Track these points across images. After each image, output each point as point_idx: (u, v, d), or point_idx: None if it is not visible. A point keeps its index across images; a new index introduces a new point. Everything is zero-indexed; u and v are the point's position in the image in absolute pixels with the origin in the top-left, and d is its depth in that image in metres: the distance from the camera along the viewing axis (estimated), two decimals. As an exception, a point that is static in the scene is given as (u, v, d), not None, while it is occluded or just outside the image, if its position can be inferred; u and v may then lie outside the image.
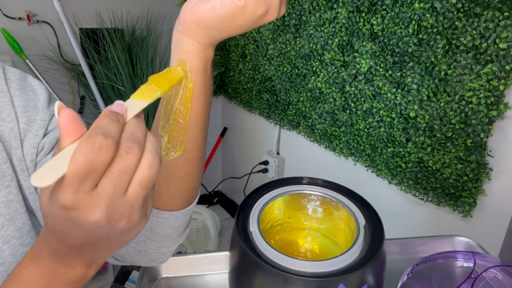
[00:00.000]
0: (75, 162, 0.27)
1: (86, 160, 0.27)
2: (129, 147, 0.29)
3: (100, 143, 0.28)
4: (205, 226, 1.88)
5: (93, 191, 0.29)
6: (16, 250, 0.47)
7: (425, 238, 0.77)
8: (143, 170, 0.30)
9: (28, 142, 0.49)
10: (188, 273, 0.69)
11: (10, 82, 0.50)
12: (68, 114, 0.29)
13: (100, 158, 0.28)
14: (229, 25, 0.39)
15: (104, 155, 0.28)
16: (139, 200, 0.31)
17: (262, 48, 1.60)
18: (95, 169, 0.28)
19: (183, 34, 0.41)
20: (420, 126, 1.04)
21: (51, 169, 0.28)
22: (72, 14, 1.69)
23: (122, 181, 0.29)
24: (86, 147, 0.27)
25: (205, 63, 0.42)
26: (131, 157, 0.29)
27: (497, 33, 0.83)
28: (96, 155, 0.28)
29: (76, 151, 0.28)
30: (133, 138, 0.30)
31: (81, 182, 0.28)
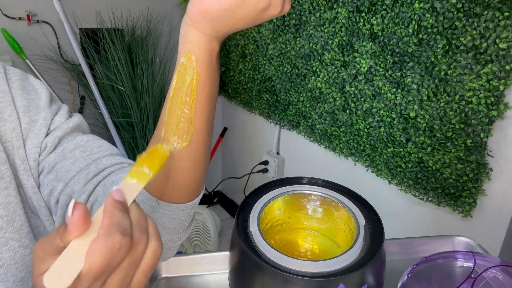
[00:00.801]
0: (93, 262, 0.27)
1: (105, 260, 0.28)
2: (138, 239, 0.30)
3: (120, 243, 0.28)
4: (205, 226, 1.88)
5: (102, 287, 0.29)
6: (15, 252, 0.47)
7: (425, 238, 0.77)
8: (148, 259, 0.31)
9: (31, 142, 0.49)
10: (188, 273, 0.69)
11: (11, 83, 0.50)
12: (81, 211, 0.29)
13: (118, 257, 0.28)
14: (232, 16, 0.39)
15: (122, 254, 0.29)
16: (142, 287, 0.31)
17: (262, 48, 1.60)
18: (111, 267, 0.28)
19: (190, 26, 0.42)
20: (420, 126, 1.04)
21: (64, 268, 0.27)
22: (72, 14, 1.69)
23: (130, 274, 0.30)
24: (106, 247, 0.28)
25: (210, 55, 0.43)
26: (140, 248, 0.30)
27: (497, 33, 0.83)
28: (115, 255, 0.28)
29: (94, 250, 0.28)
30: (141, 229, 0.31)
31: (94, 281, 0.28)
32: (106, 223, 0.29)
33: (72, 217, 0.29)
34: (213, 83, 0.44)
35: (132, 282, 0.31)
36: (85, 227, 0.29)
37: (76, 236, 0.29)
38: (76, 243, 0.29)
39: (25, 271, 0.48)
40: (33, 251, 0.30)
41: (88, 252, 0.28)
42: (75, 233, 0.29)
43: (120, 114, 1.77)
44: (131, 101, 1.72)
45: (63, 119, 0.53)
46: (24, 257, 0.48)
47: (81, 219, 0.29)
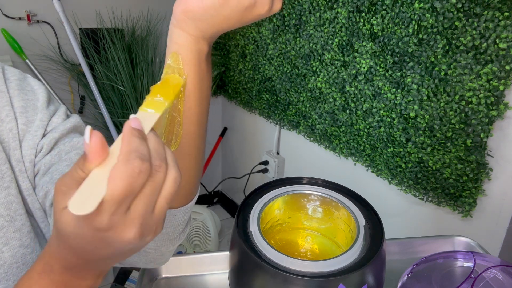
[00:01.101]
0: (115, 187, 0.28)
1: (126, 185, 0.28)
2: (158, 166, 0.31)
3: (140, 167, 0.29)
4: (205, 226, 1.88)
5: (127, 212, 0.30)
6: (16, 251, 0.47)
7: (425, 238, 0.77)
8: (168, 186, 0.32)
9: (27, 143, 0.48)
10: (188, 273, 0.69)
11: (9, 83, 0.50)
12: (99, 137, 0.29)
13: (138, 182, 0.29)
14: (216, 15, 0.39)
15: (142, 179, 0.29)
16: (164, 214, 0.32)
17: (262, 48, 1.60)
18: (133, 192, 0.29)
19: (175, 27, 0.41)
20: (420, 126, 1.04)
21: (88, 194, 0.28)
22: (72, 14, 1.69)
23: (153, 199, 0.31)
24: (127, 172, 0.28)
25: (198, 56, 0.42)
26: (160, 175, 0.31)
27: (497, 33, 0.83)
28: (135, 179, 0.29)
29: (115, 176, 0.28)
30: (159, 156, 0.31)
31: (119, 205, 0.29)
32: (125, 149, 0.29)
33: (90, 143, 0.29)
34: (202, 85, 0.43)
35: (155, 208, 0.31)
36: (104, 154, 0.29)
37: (97, 164, 0.29)
38: (97, 171, 0.29)
39: (26, 270, 0.48)
40: (55, 188, 0.30)
41: (109, 178, 0.28)
42: (95, 160, 0.29)
43: (120, 114, 1.77)
44: (131, 101, 1.72)
45: (60, 120, 0.52)
46: (25, 256, 0.47)
47: (99, 146, 0.29)
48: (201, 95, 0.44)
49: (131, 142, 0.30)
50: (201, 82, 0.43)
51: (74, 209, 0.27)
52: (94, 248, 0.31)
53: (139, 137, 0.30)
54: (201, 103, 0.44)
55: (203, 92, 0.44)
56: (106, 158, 0.30)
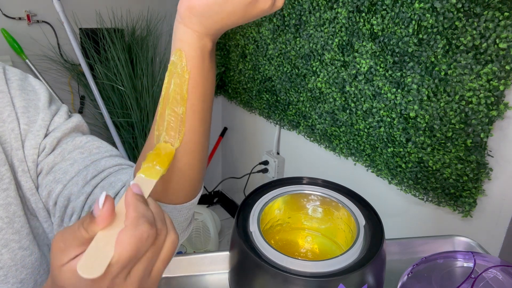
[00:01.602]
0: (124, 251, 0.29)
1: (134, 250, 0.29)
2: (160, 229, 0.32)
3: (148, 232, 0.30)
4: (205, 226, 1.88)
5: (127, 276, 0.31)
6: (15, 253, 0.47)
7: (425, 238, 0.77)
8: (167, 249, 0.33)
9: (29, 143, 0.48)
10: (188, 273, 0.69)
11: (10, 83, 0.50)
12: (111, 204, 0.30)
13: (145, 246, 0.30)
14: (220, 11, 0.39)
15: (149, 244, 0.30)
16: (159, 276, 0.33)
17: (262, 48, 1.60)
18: (139, 256, 0.30)
19: (180, 23, 0.41)
20: (420, 126, 1.04)
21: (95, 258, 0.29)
22: (72, 14, 1.69)
23: (152, 263, 0.32)
24: (135, 237, 0.29)
25: (202, 53, 0.42)
26: (161, 239, 0.32)
27: (497, 33, 0.83)
28: (143, 244, 0.30)
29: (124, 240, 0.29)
30: (160, 219, 0.33)
31: (123, 269, 0.30)
32: (132, 215, 0.31)
33: (103, 209, 0.30)
34: (206, 83, 0.43)
35: (152, 270, 0.32)
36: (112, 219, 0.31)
37: (103, 227, 0.30)
38: (103, 234, 0.30)
39: (25, 272, 0.48)
40: (52, 244, 0.31)
41: (117, 241, 0.29)
42: (103, 225, 0.30)
43: (120, 114, 1.77)
44: (131, 101, 1.73)
45: (62, 119, 0.52)
46: (24, 259, 0.47)
47: (110, 212, 0.30)
48: (205, 92, 0.44)
49: (138, 207, 0.31)
50: (205, 79, 0.43)
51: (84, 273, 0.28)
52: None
53: (144, 203, 0.32)
54: (205, 99, 0.44)
55: (206, 89, 0.44)
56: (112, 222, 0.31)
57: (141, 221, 0.30)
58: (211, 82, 0.44)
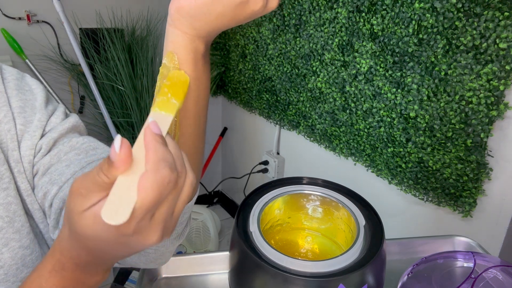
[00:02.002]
0: (147, 196, 0.28)
1: (157, 194, 0.29)
2: (180, 172, 0.31)
3: (169, 177, 0.29)
4: (205, 226, 1.88)
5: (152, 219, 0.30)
6: (16, 252, 0.47)
7: (425, 238, 0.77)
8: (186, 189, 0.33)
9: (26, 144, 0.48)
10: (188, 273, 0.69)
11: (7, 82, 0.49)
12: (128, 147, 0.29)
13: (167, 190, 0.30)
14: (209, 13, 0.39)
15: (171, 188, 0.30)
16: (180, 215, 0.33)
17: (262, 48, 1.60)
18: (161, 200, 0.30)
19: (171, 26, 0.41)
20: (420, 126, 1.04)
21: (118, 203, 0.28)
22: (72, 14, 1.69)
23: (173, 204, 0.32)
24: (157, 182, 0.29)
25: (194, 55, 0.42)
26: (182, 181, 0.32)
27: (497, 33, 0.83)
28: (165, 188, 0.29)
29: (145, 186, 0.29)
30: (181, 162, 0.32)
31: (147, 213, 0.29)
32: (153, 158, 0.30)
33: (120, 153, 0.29)
34: (199, 86, 0.43)
35: (174, 211, 0.32)
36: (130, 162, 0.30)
37: (123, 171, 0.29)
38: (124, 178, 0.29)
39: (25, 271, 0.48)
40: (71, 191, 0.30)
41: (139, 186, 0.29)
42: (123, 168, 0.29)
43: (120, 114, 1.77)
44: (131, 101, 1.73)
45: (59, 120, 0.52)
46: (24, 258, 0.47)
47: (128, 155, 0.29)
48: (198, 95, 0.43)
49: (158, 150, 0.30)
50: (198, 82, 0.43)
51: (108, 219, 0.27)
52: (114, 249, 0.32)
53: (163, 144, 0.31)
54: (198, 103, 0.44)
55: (200, 92, 0.43)
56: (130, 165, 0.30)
57: (162, 165, 0.29)
58: (205, 84, 0.44)
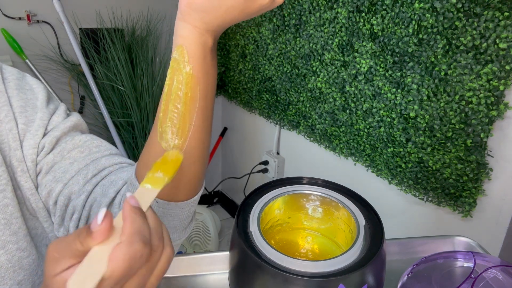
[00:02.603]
0: (116, 268, 0.29)
1: (127, 267, 0.29)
2: (156, 246, 0.31)
3: (141, 251, 0.29)
4: (205, 226, 1.88)
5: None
6: (13, 255, 0.46)
7: (425, 238, 0.77)
8: (162, 264, 0.32)
9: (28, 143, 0.48)
10: (188, 273, 0.69)
11: (7, 82, 0.50)
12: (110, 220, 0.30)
13: (138, 264, 0.30)
14: (219, 6, 0.39)
15: (143, 261, 0.30)
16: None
17: (262, 48, 1.60)
18: (131, 274, 0.30)
19: (180, 20, 0.41)
20: (420, 126, 1.04)
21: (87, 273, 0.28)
22: (72, 14, 1.69)
23: (145, 279, 0.31)
24: (129, 255, 0.29)
25: (203, 49, 0.42)
26: (157, 255, 0.32)
27: (497, 33, 0.83)
28: (136, 262, 0.29)
29: (118, 257, 0.29)
30: (158, 236, 0.32)
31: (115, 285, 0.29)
32: (128, 230, 0.30)
33: (101, 225, 0.29)
34: (208, 79, 0.43)
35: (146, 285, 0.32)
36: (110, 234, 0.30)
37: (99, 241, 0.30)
38: (98, 248, 0.30)
39: (22, 274, 0.47)
40: (47, 253, 0.31)
41: (111, 258, 0.29)
42: (100, 240, 0.30)
43: (120, 114, 1.77)
44: (131, 101, 1.73)
45: (61, 118, 0.52)
46: (21, 260, 0.47)
47: (108, 227, 0.30)
48: (206, 89, 0.44)
49: (134, 222, 0.30)
50: (206, 76, 0.43)
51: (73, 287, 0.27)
52: None
53: (141, 217, 0.31)
54: (206, 96, 0.44)
55: (208, 85, 0.44)
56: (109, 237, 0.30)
57: (136, 238, 0.30)
58: (212, 79, 0.44)
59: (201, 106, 0.44)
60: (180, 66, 0.42)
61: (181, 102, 0.43)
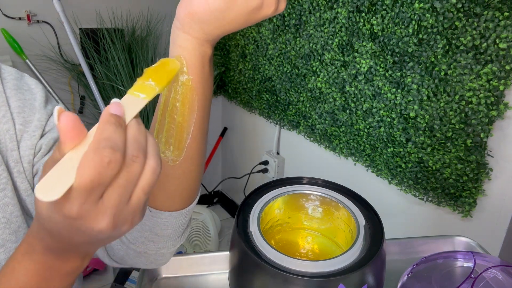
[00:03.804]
0: (83, 176, 0.27)
1: (95, 174, 0.27)
2: (135, 156, 0.29)
3: (109, 157, 0.27)
4: (205, 226, 1.88)
5: (99, 201, 0.29)
6: (12, 253, 0.46)
7: (425, 238, 0.77)
8: (146, 177, 0.30)
9: (25, 143, 0.48)
10: (188, 273, 0.69)
11: (6, 82, 0.49)
12: (69, 118, 0.28)
13: (108, 172, 0.28)
14: (222, 18, 0.38)
15: (112, 169, 0.28)
16: (141, 205, 0.31)
17: (262, 48, 1.60)
18: (102, 182, 0.28)
19: (179, 30, 0.41)
20: (420, 126, 1.04)
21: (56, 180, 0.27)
22: (72, 14, 1.69)
23: (127, 190, 0.30)
24: (95, 162, 0.27)
25: (202, 59, 0.42)
26: (136, 166, 0.30)
27: (497, 33, 0.83)
28: (104, 169, 0.27)
29: (84, 165, 0.27)
30: (138, 146, 0.30)
31: (88, 194, 0.28)
32: (96, 137, 0.28)
33: (59, 123, 0.28)
34: (206, 89, 0.43)
35: (131, 199, 0.30)
36: (77, 136, 0.28)
37: (70, 147, 0.28)
38: (70, 155, 0.28)
39: None
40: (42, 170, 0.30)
41: (79, 165, 0.27)
42: (67, 142, 0.28)
43: (120, 114, 1.77)
44: (131, 101, 1.72)
45: None
46: None
47: (70, 127, 0.28)
48: (204, 98, 0.43)
49: (104, 129, 0.29)
50: (204, 85, 0.43)
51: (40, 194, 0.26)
52: (68, 233, 0.31)
53: (115, 125, 0.29)
54: (204, 106, 0.44)
55: (206, 95, 0.43)
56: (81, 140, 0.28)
57: (103, 144, 0.27)
58: (209, 88, 0.44)
59: (199, 116, 0.43)
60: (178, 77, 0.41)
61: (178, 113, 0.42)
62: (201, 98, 0.43)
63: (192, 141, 0.44)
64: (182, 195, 0.48)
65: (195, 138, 0.44)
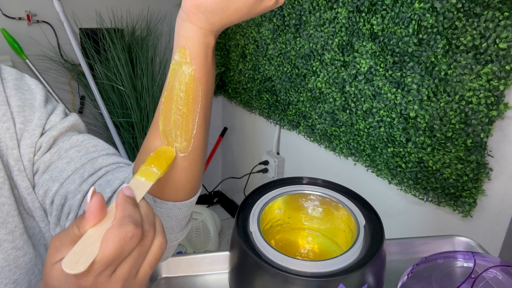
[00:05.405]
0: (108, 249, 0.30)
1: (117, 248, 0.30)
2: (147, 231, 0.33)
3: (133, 232, 0.31)
4: (205, 226, 1.88)
5: (112, 275, 0.31)
6: (8, 254, 0.46)
7: (425, 238, 0.77)
8: (154, 251, 0.34)
9: (25, 142, 0.48)
10: (188, 273, 0.69)
11: (6, 82, 0.50)
12: (99, 199, 0.31)
13: (129, 246, 0.31)
14: (227, 8, 0.39)
15: (134, 243, 0.31)
16: (146, 278, 0.34)
17: (262, 48, 1.60)
18: (123, 255, 0.31)
19: (185, 21, 0.41)
20: (420, 126, 1.04)
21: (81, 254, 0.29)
22: (72, 14, 1.69)
23: (138, 263, 0.33)
24: (119, 236, 0.30)
25: (206, 50, 0.42)
26: (148, 240, 0.33)
27: (497, 33, 0.83)
28: (127, 243, 0.30)
29: (109, 239, 0.30)
30: (149, 222, 0.33)
31: (107, 267, 0.30)
32: (119, 214, 0.31)
33: (90, 204, 0.31)
34: (208, 79, 0.44)
35: (139, 272, 0.33)
36: (102, 215, 0.31)
37: (93, 224, 0.31)
38: (92, 231, 0.31)
39: (18, 273, 0.47)
40: (50, 243, 0.32)
41: (102, 240, 0.30)
42: (92, 220, 0.31)
43: (120, 114, 1.77)
44: (131, 101, 1.72)
45: (58, 118, 0.52)
46: (17, 259, 0.47)
47: (99, 207, 0.31)
48: (207, 89, 0.44)
49: (125, 208, 0.32)
50: (207, 76, 0.44)
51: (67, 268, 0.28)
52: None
53: (133, 204, 0.33)
54: (207, 96, 0.44)
55: (209, 85, 0.44)
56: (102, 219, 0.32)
57: (127, 221, 0.31)
58: (212, 78, 0.45)
59: (202, 106, 0.44)
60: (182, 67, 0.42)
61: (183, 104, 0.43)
62: (204, 88, 0.43)
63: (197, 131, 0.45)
64: (187, 186, 0.48)
65: (200, 128, 0.45)
